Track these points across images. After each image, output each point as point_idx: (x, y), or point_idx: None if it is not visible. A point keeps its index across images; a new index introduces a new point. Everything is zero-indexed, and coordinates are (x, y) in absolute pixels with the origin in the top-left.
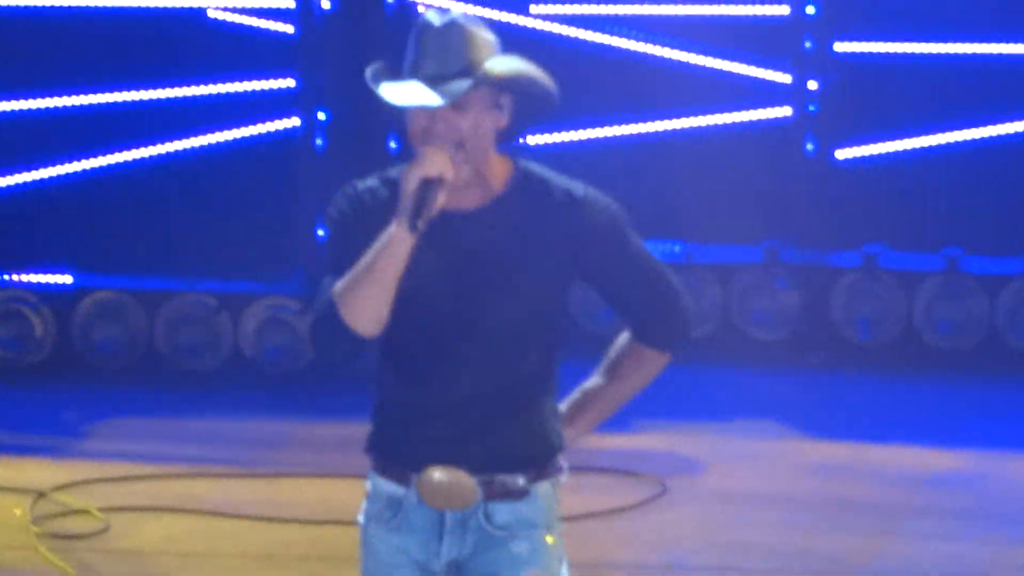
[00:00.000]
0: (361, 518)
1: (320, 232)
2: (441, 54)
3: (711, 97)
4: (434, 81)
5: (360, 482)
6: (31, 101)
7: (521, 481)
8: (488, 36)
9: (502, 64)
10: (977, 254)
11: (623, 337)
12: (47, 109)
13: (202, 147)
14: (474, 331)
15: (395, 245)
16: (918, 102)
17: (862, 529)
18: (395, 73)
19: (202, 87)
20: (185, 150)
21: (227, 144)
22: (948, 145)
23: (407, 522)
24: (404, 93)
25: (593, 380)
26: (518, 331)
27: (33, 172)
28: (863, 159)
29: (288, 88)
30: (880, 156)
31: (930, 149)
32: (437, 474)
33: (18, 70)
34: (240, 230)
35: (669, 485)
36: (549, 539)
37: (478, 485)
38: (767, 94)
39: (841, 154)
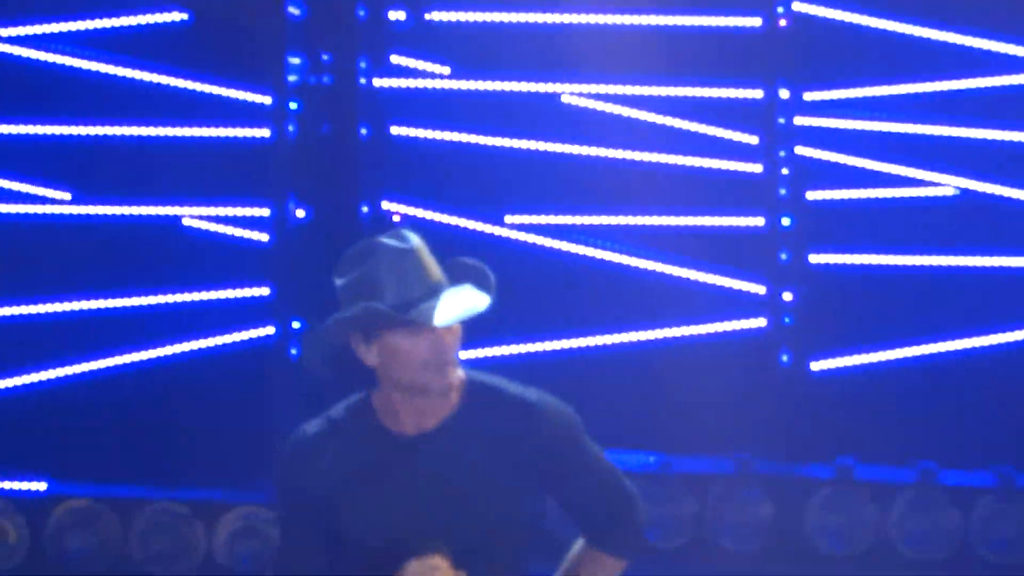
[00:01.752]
0: None
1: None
2: (430, 274)
3: (686, 307)
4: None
5: None
6: (4, 308)
7: None
8: None
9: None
10: (950, 467)
11: (579, 544)
12: (20, 316)
13: (176, 355)
14: (443, 547)
15: None
16: (893, 313)
17: None
18: (405, 302)
19: (177, 295)
20: (159, 358)
21: (201, 352)
22: (922, 357)
23: None
24: (455, 306)
25: None
26: (485, 546)
27: (6, 379)
28: (837, 370)
29: (262, 296)
30: (854, 367)
31: (904, 361)
32: None
33: None
34: (215, 438)
35: None
36: None
37: None
38: (742, 305)
39: (816, 365)
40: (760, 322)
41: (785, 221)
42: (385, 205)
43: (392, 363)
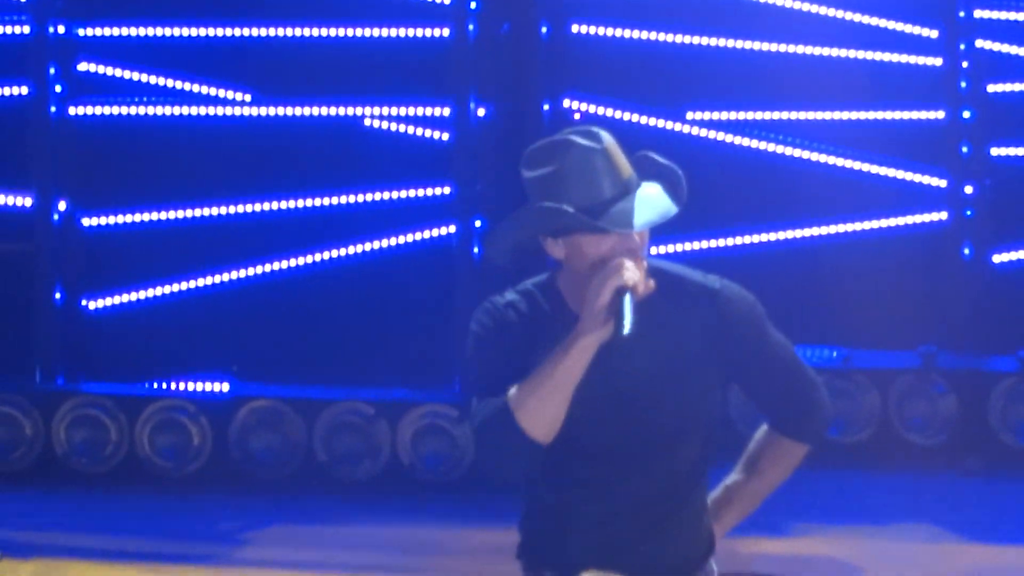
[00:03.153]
0: None
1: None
2: (622, 172)
3: (867, 201)
4: (642, 196)
5: None
6: (187, 210)
7: None
8: None
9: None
10: None
11: (761, 431)
12: (204, 217)
13: (359, 255)
14: (634, 437)
15: (581, 352)
16: None
17: None
18: (596, 204)
19: (359, 195)
20: (342, 257)
21: (384, 252)
22: None
23: None
24: (646, 210)
25: (734, 476)
26: (675, 435)
27: (189, 281)
28: (1020, 262)
29: (444, 195)
30: None
31: None
32: None
33: (176, 178)
34: (397, 337)
35: None
36: None
37: None
38: (923, 198)
39: (998, 258)
40: (941, 215)
41: (966, 114)
42: (566, 103)
43: (579, 261)
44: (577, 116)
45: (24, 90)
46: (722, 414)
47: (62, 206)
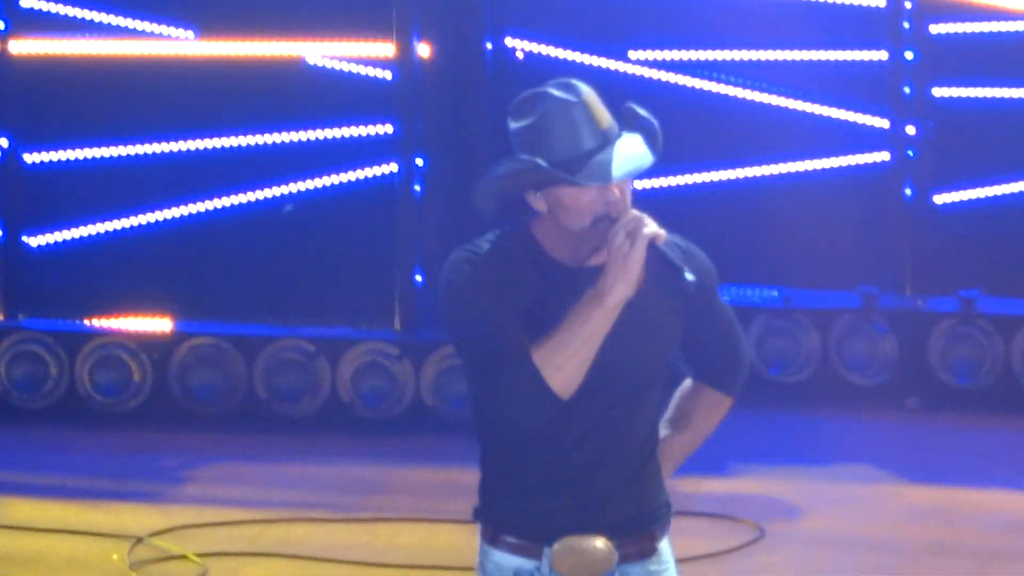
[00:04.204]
0: None
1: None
2: (600, 123)
3: (809, 142)
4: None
5: (458, 527)
6: (130, 147)
7: (651, 539)
8: None
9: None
10: None
11: (687, 386)
12: (146, 155)
13: (300, 192)
14: (616, 390)
15: (615, 309)
16: (1017, 146)
17: (958, 574)
18: (574, 156)
19: (301, 133)
20: (283, 195)
21: (325, 190)
22: None
23: None
24: (623, 162)
25: (663, 431)
26: (643, 388)
27: (131, 218)
28: (961, 203)
29: (386, 134)
30: (978, 200)
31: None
32: (575, 543)
33: (118, 115)
34: (338, 275)
35: (766, 529)
36: None
37: (615, 549)
38: (865, 139)
39: (939, 199)
40: (884, 156)
41: (908, 55)
42: (508, 41)
43: (561, 212)
44: (520, 55)
45: None
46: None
47: (3, 142)
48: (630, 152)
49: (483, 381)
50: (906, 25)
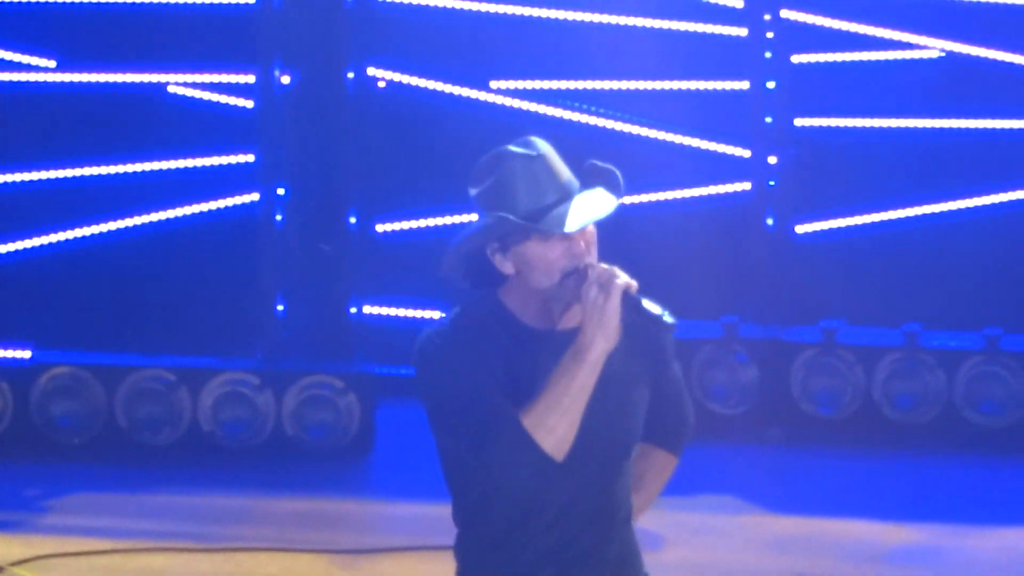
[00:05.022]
0: None
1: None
2: (560, 176)
3: (671, 171)
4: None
5: (318, 556)
6: None
7: None
8: None
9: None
10: (935, 329)
11: (637, 451)
12: (7, 184)
13: (161, 222)
14: (599, 452)
15: (597, 364)
16: (877, 177)
17: None
18: (538, 209)
19: (162, 162)
20: (144, 225)
21: (187, 219)
22: (907, 219)
23: None
24: (584, 211)
25: None
26: (627, 449)
27: None
28: (822, 233)
29: (248, 163)
30: (839, 230)
31: (889, 223)
32: None
33: None
34: (199, 305)
35: None
36: None
37: None
38: (727, 168)
39: (800, 228)
40: (745, 186)
41: (770, 84)
42: (370, 70)
43: (529, 272)
44: (382, 84)
45: None
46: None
47: None
48: (592, 201)
49: (471, 453)
50: (768, 55)
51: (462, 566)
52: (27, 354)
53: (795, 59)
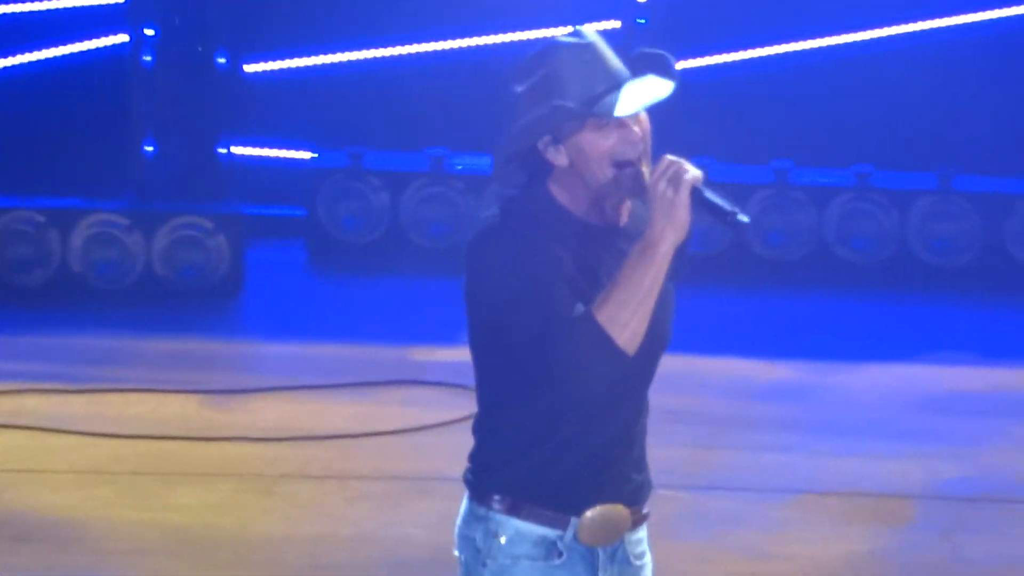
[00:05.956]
0: (503, 559)
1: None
2: (612, 64)
3: None
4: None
5: (188, 396)
6: None
7: (644, 509)
8: None
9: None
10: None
11: None
12: None
13: (29, 64)
14: (651, 350)
15: (667, 257)
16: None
17: (692, 440)
18: (594, 95)
19: (29, 4)
20: (12, 67)
21: (55, 61)
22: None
23: (566, 562)
24: (639, 96)
25: None
26: (667, 346)
27: None
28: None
29: (116, 3)
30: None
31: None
32: (603, 514)
33: None
34: (69, 146)
35: None
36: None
37: (630, 516)
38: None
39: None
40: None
41: None
42: None
43: (583, 163)
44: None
45: None
46: None
47: None
48: (645, 87)
49: (544, 350)
50: None
51: (497, 453)
52: None
53: None
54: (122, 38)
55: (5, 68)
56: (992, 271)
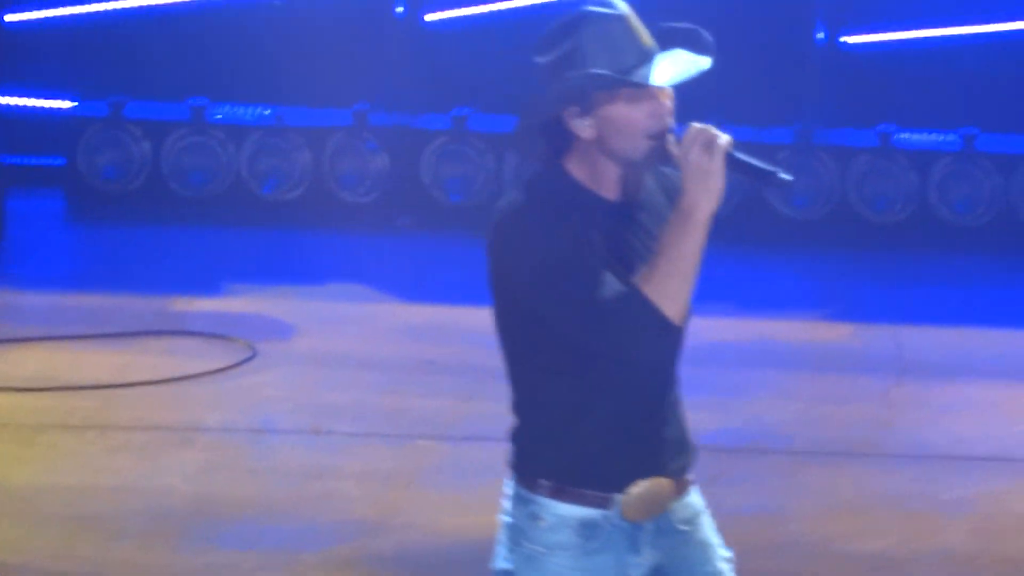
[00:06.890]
0: (539, 545)
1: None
2: (643, 37)
3: None
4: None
5: (79, 351)
6: None
7: (689, 477)
8: None
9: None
10: None
11: None
12: None
13: None
14: (687, 324)
15: (706, 225)
16: None
17: (453, 390)
18: (624, 67)
19: None
20: None
21: None
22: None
23: (607, 543)
24: (672, 67)
25: None
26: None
27: None
28: (453, 22)
29: None
30: (466, 19)
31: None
32: (647, 491)
33: None
34: None
35: (259, 349)
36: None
37: (674, 487)
38: None
39: (431, 17)
40: None
41: None
42: None
43: (612, 135)
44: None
45: None
46: None
47: None
48: (676, 60)
49: (587, 331)
50: None
51: (538, 437)
52: None
53: None
54: None
55: None
56: None
